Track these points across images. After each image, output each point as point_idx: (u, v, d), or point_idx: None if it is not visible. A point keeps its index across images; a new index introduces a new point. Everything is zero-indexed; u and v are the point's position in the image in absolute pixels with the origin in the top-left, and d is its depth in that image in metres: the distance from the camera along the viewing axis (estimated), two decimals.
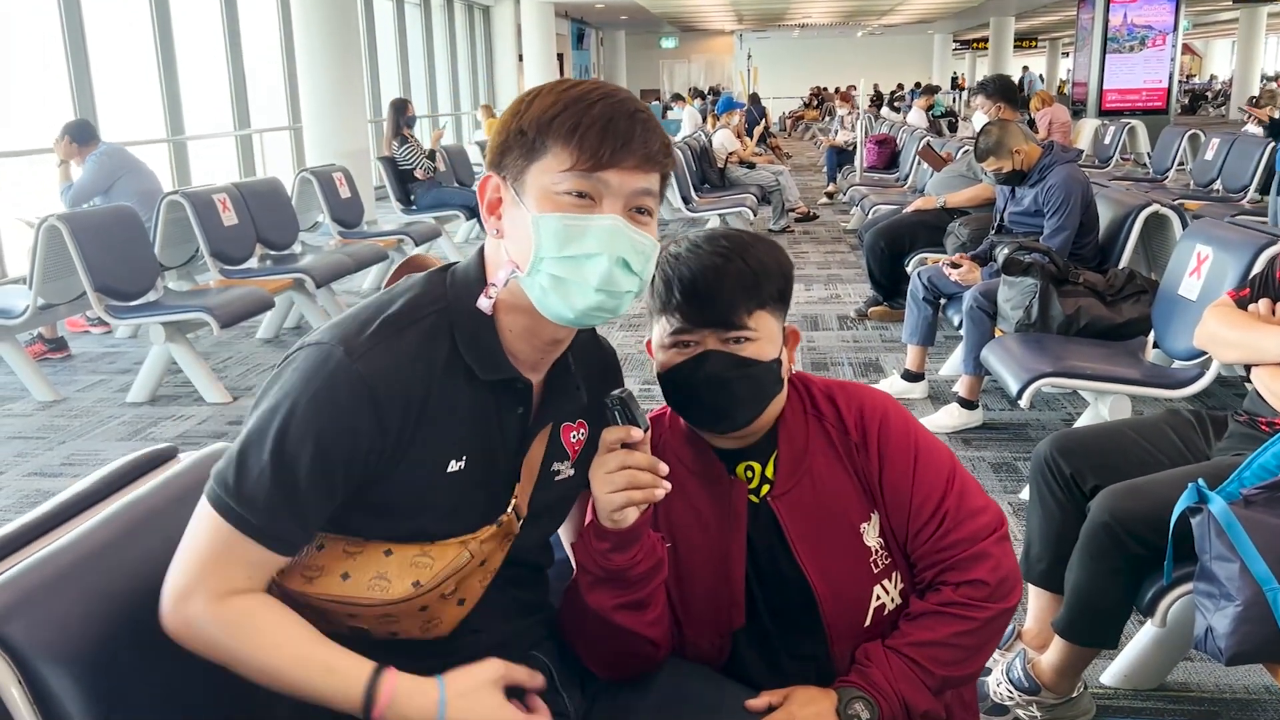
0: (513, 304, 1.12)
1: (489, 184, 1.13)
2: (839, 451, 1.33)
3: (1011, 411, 3.96)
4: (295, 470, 1.05)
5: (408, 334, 1.10)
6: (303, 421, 1.05)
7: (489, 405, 1.15)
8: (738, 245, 1.29)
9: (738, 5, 21.79)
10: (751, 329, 1.26)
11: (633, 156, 1.06)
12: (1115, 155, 10.60)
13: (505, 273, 1.10)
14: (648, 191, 1.09)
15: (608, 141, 1.04)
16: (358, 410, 1.05)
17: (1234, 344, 2.01)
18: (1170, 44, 14.70)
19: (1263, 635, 1.52)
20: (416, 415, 1.09)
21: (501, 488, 1.18)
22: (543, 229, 1.05)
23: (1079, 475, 2.03)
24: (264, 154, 10.56)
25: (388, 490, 1.11)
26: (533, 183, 1.07)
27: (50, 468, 3.76)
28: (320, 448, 1.05)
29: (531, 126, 1.06)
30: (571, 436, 1.25)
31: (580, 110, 1.05)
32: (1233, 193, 7.15)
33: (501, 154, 1.10)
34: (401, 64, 14.05)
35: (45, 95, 7.73)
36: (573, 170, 1.05)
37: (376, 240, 6.34)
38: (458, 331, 1.12)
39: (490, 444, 1.16)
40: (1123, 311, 3.40)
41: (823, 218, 9.77)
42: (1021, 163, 4.00)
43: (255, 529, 1.05)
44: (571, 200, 1.06)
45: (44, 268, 4.30)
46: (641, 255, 1.08)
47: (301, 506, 1.06)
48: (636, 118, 1.07)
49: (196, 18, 9.42)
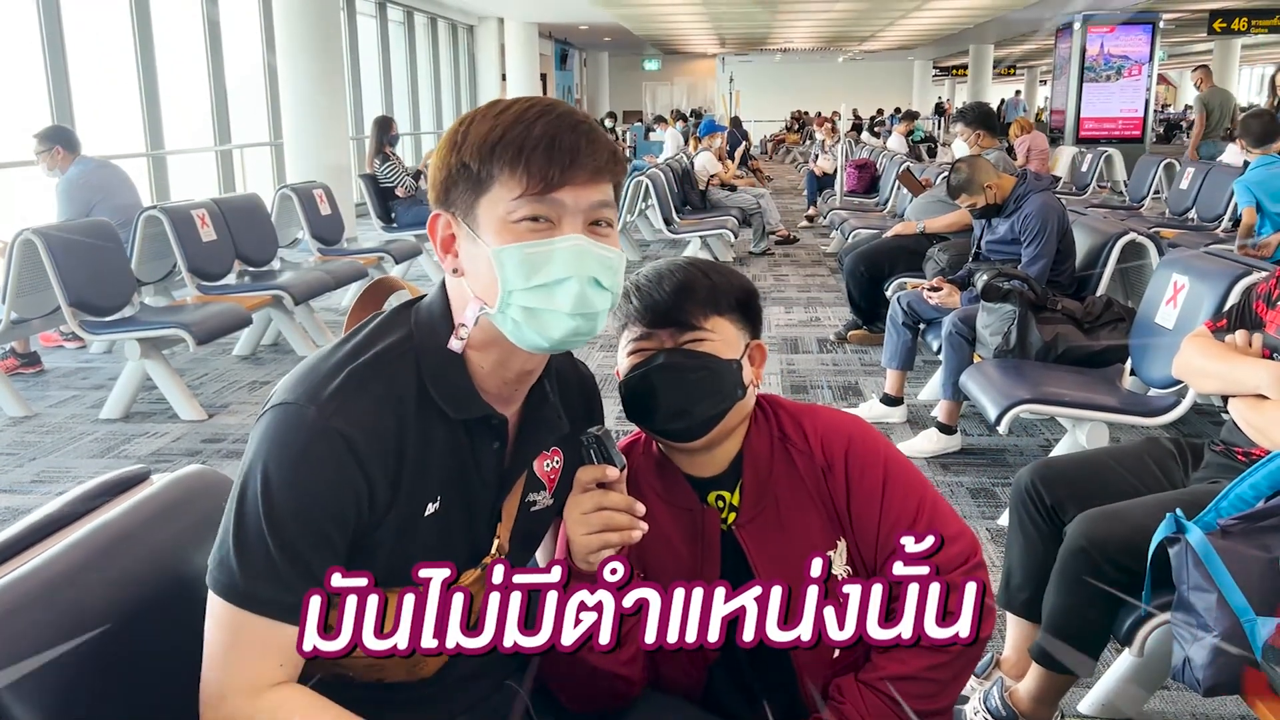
0: (483, 340, 1.09)
1: (439, 222, 1.09)
2: (803, 477, 1.31)
3: (990, 437, 3.97)
4: (292, 537, 1.01)
5: (375, 383, 1.06)
6: (288, 488, 1.01)
7: (463, 445, 1.12)
8: (696, 261, 1.34)
9: (720, 29, 21.95)
10: (708, 329, 1.28)
11: (583, 171, 1.03)
12: (1092, 183, 10.72)
13: (474, 310, 1.06)
14: (604, 203, 1.06)
15: (555, 160, 1.01)
16: (341, 467, 1.02)
17: (1212, 375, 2.02)
18: (1146, 74, 14.90)
19: (1240, 667, 1.52)
20: (396, 461, 1.06)
21: (483, 528, 1.16)
22: (506, 262, 1.02)
23: (1059, 505, 2.03)
24: (244, 170, 10.52)
25: (372, 540, 1.08)
26: (485, 215, 1.03)
27: (21, 485, 3.71)
28: (311, 511, 1.02)
29: (473, 158, 1.03)
30: (545, 465, 1.22)
31: (521, 133, 1.02)
32: (1207, 221, 7.24)
33: (447, 190, 1.06)
34: (384, 81, 14.05)
35: (23, 108, 7.67)
36: (524, 196, 1.02)
37: (356, 257, 6.31)
38: (426, 373, 1.09)
39: (468, 484, 1.13)
40: (1100, 339, 3.43)
41: (803, 241, 9.82)
42: (995, 196, 4.03)
43: (270, 605, 1.01)
44: (529, 226, 1.02)
45: (18, 282, 4.26)
46: (610, 270, 1.06)
47: (309, 570, 1.02)
48: (580, 130, 1.04)
49: (178, 32, 9.39)
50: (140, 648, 1.11)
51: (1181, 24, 19.12)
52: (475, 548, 1.15)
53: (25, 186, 5.76)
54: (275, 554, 1.00)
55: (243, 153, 10.52)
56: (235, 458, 3.91)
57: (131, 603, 1.12)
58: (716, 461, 1.33)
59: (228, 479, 1.34)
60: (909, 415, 4.25)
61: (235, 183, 10.23)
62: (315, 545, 1.02)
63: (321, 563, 1.02)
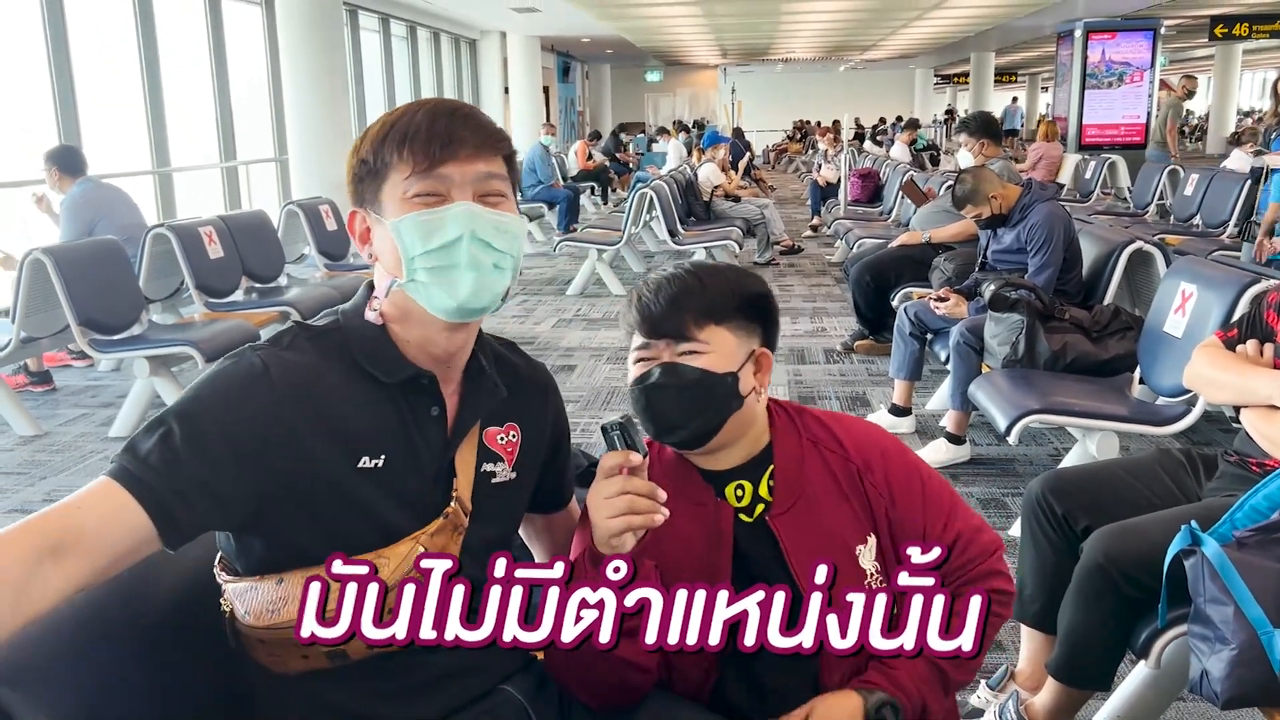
0: (402, 313, 1.18)
1: (355, 219, 1.21)
2: (836, 475, 1.35)
3: (999, 447, 3.96)
4: (180, 435, 1.06)
5: (305, 344, 1.17)
6: (199, 395, 1.10)
7: (401, 407, 1.19)
8: (700, 267, 1.37)
9: (722, 40, 21.99)
10: (702, 341, 1.30)
11: (464, 146, 1.14)
12: (1096, 190, 10.72)
13: (385, 283, 1.17)
14: (491, 175, 1.16)
15: (435, 138, 1.13)
16: (254, 390, 1.10)
17: (1224, 385, 2.02)
18: (1148, 80, 14.92)
19: (1258, 679, 1.52)
20: (314, 407, 1.12)
21: (436, 484, 1.21)
22: (403, 231, 1.13)
23: (1071, 515, 2.03)
24: (250, 186, 10.55)
25: (304, 492, 1.11)
26: (387, 200, 1.15)
27: (31, 504, 3.71)
28: (209, 420, 1.08)
29: (370, 152, 1.16)
30: (499, 439, 1.28)
31: (405, 122, 1.15)
32: (1212, 228, 7.23)
33: (355, 187, 1.19)
34: (388, 96, 14.10)
35: (30, 127, 7.71)
36: (413, 175, 1.13)
37: (363, 273, 6.30)
38: (355, 346, 1.19)
39: (410, 444, 1.19)
40: (1109, 348, 3.43)
41: (807, 251, 9.83)
42: (1000, 206, 4.03)
43: (123, 473, 1.04)
44: (422, 201, 1.13)
45: (27, 300, 4.27)
46: (505, 233, 1.15)
47: (181, 472, 1.05)
48: (458, 114, 1.16)
49: (183, 49, 9.44)
50: (158, 669, 1.11)
51: (1183, 29, 19.13)
52: (431, 504, 1.20)
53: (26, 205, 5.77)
54: (156, 440, 1.06)
55: (248, 169, 10.55)
56: None
57: (148, 624, 1.13)
58: (731, 458, 1.36)
59: None
60: (917, 425, 4.25)
61: (241, 199, 10.26)
62: (195, 449, 1.06)
63: (195, 473, 1.05)
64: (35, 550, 0.96)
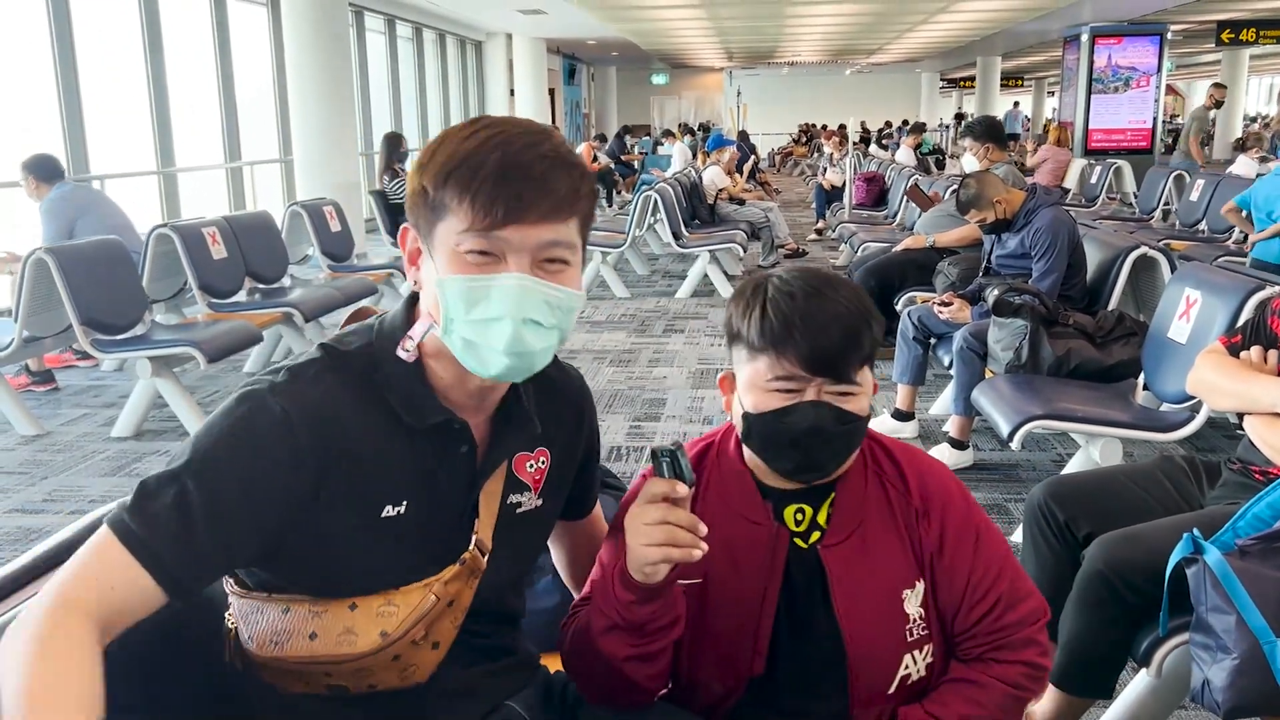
0: (438, 351, 1.10)
1: (408, 236, 1.11)
2: (895, 512, 1.29)
3: (1002, 452, 3.95)
4: (196, 501, 1.00)
5: (329, 378, 1.08)
6: (213, 452, 1.02)
7: (426, 450, 1.12)
8: (861, 304, 1.24)
9: (728, 43, 22.00)
10: (859, 384, 1.23)
11: (532, 211, 1.01)
12: (1101, 195, 10.70)
13: (423, 326, 1.09)
14: (556, 242, 1.04)
15: (500, 199, 1.00)
16: (274, 442, 1.03)
17: (1227, 392, 2.01)
18: (1154, 85, 14.89)
19: (1260, 689, 1.51)
20: (337, 455, 1.06)
21: (458, 527, 1.15)
22: (448, 292, 1.04)
23: (1073, 522, 2.02)
24: (254, 186, 10.57)
25: (321, 539, 1.07)
26: (439, 241, 1.04)
27: (32, 504, 3.71)
28: (226, 480, 1.02)
29: (431, 183, 1.03)
30: (529, 466, 1.21)
31: (474, 165, 1.01)
32: (1218, 233, 7.21)
33: (413, 207, 1.07)
34: (393, 97, 14.12)
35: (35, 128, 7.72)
36: (470, 231, 1.02)
37: (366, 274, 6.33)
38: (383, 380, 1.10)
39: (436, 488, 1.13)
40: (1113, 353, 3.41)
41: (812, 254, 9.82)
42: (1004, 211, 4.01)
43: (144, 551, 0.98)
44: (475, 260, 1.03)
45: (30, 300, 4.27)
46: (558, 309, 1.06)
47: (195, 538, 1.00)
48: (533, 169, 1.02)
49: (189, 50, 9.46)
50: (156, 676, 1.10)
51: (1189, 35, 19.10)
52: (450, 546, 1.14)
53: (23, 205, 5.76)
54: (171, 508, 0.99)
55: (253, 169, 10.57)
56: None
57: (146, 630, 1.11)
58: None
59: None
60: (920, 430, 4.24)
61: (245, 200, 10.28)
62: (214, 518, 1.01)
63: (212, 538, 1.01)
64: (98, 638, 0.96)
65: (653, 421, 4.61)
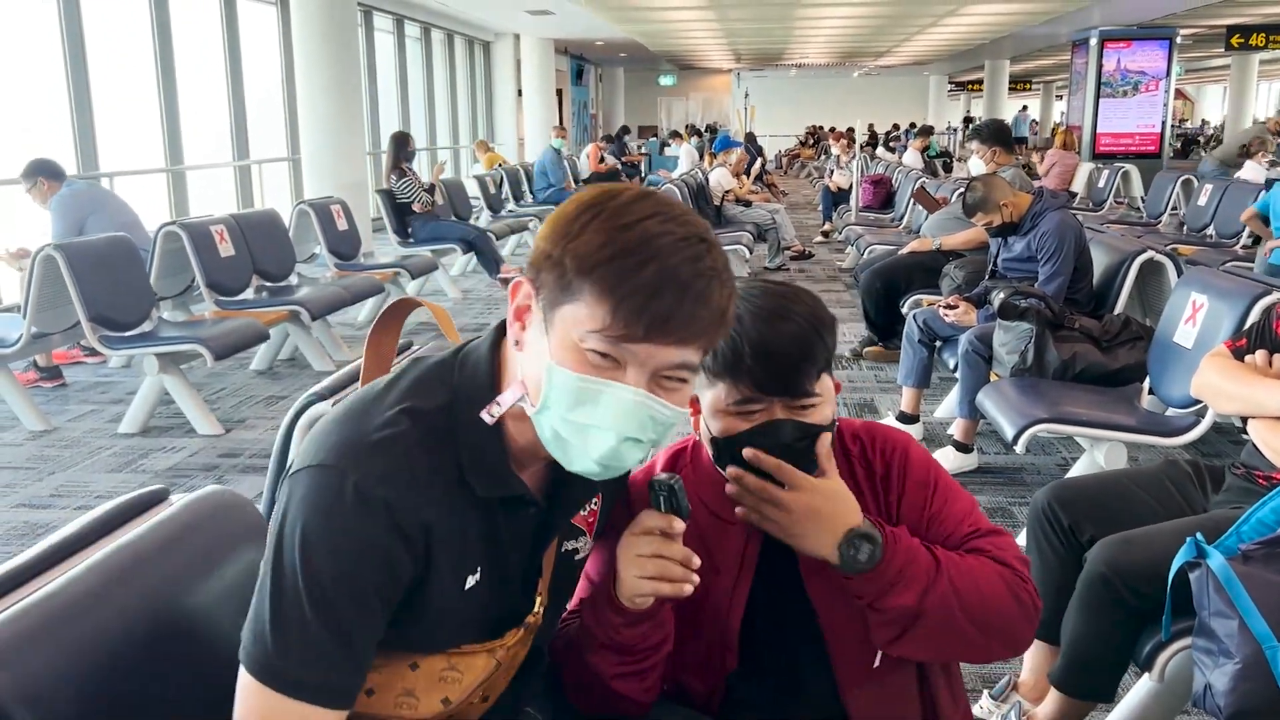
0: (521, 414, 1.03)
1: (521, 290, 1.02)
2: (862, 489, 1.31)
3: (1007, 455, 3.95)
4: (339, 612, 0.96)
5: (418, 454, 1.01)
6: (330, 556, 0.96)
7: (497, 516, 1.08)
8: (802, 309, 1.24)
9: (736, 45, 22.00)
10: (817, 394, 1.24)
11: (674, 334, 0.95)
12: (1109, 199, 10.68)
13: (514, 395, 1.02)
14: (682, 365, 0.98)
15: (646, 316, 0.93)
16: (384, 538, 0.98)
17: (1231, 396, 2.01)
18: (1163, 89, 14.88)
19: (1262, 694, 1.51)
20: (434, 538, 1.02)
21: (521, 590, 1.14)
22: (556, 382, 0.97)
23: (1077, 526, 2.02)
24: (263, 185, 10.60)
25: (414, 615, 1.05)
26: (560, 322, 0.96)
27: (39, 499, 3.73)
28: (356, 583, 0.97)
29: (573, 265, 0.94)
30: (582, 512, 1.20)
31: (628, 268, 0.92)
32: (1226, 238, 7.20)
33: (539, 270, 0.98)
34: (401, 97, 14.14)
35: (45, 123, 7.75)
36: (600, 333, 0.94)
37: (373, 273, 6.34)
38: (462, 443, 1.04)
39: (504, 554, 1.10)
40: (1118, 358, 3.41)
41: (818, 256, 9.81)
42: (1010, 214, 4.01)
43: (311, 689, 0.96)
44: (594, 360, 0.96)
45: (39, 296, 4.29)
46: (660, 426, 0.99)
47: (355, 650, 0.98)
48: (691, 286, 0.93)
49: (198, 48, 9.49)
50: (158, 672, 1.11)
51: (1199, 39, 19.06)
52: (515, 608, 1.13)
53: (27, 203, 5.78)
54: (316, 629, 0.95)
55: (261, 168, 10.60)
56: (252, 472, 3.94)
57: (149, 625, 1.12)
58: None
59: (246, 499, 1.35)
60: (925, 433, 4.24)
61: (253, 198, 10.30)
62: (359, 619, 0.98)
63: (364, 638, 0.99)
64: None
65: None
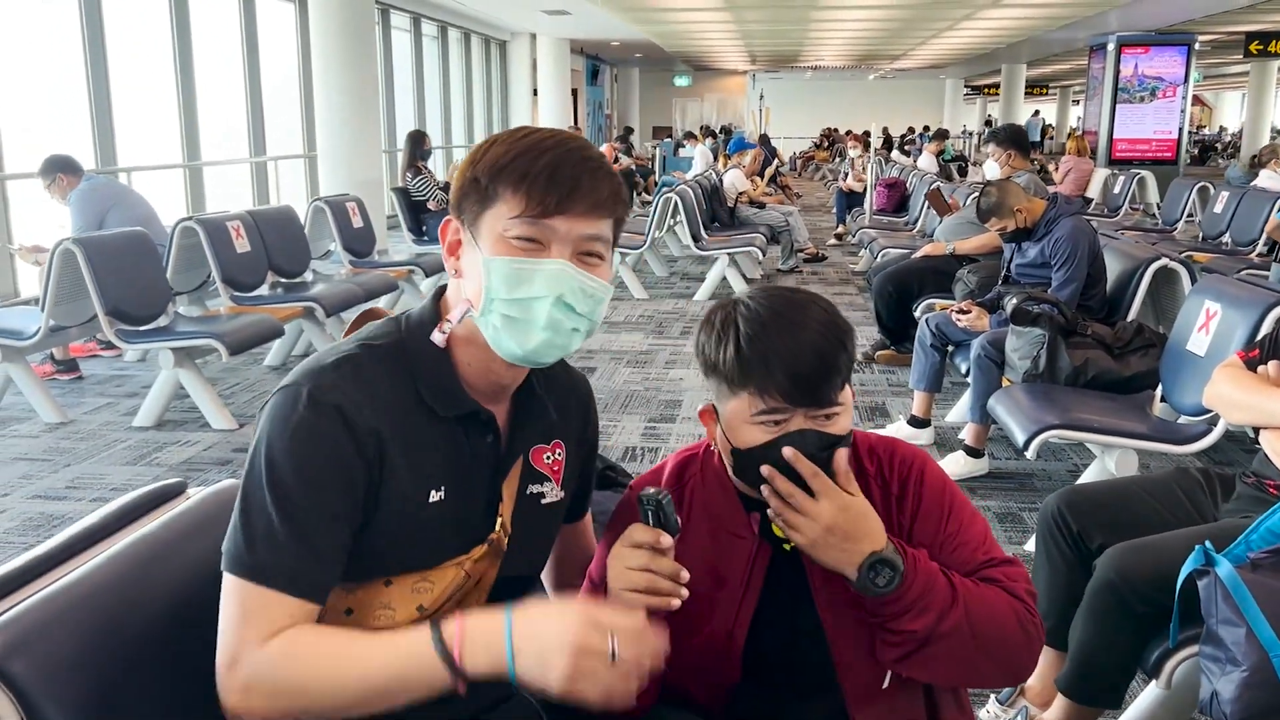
0: (467, 339, 1.17)
1: (450, 227, 1.18)
2: (878, 507, 1.28)
3: (1018, 461, 3.95)
4: (297, 507, 1.07)
5: (370, 370, 1.14)
6: (290, 458, 1.08)
7: (458, 437, 1.18)
8: (823, 316, 1.25)
9: (751, 46, 21.99)
10: (840, 404, 1.23)
11: (580, 204, 1.11)
12: (1125, 205, 10.64)
13: (460, 310, 1.15)
14: (596, 237, 1.13)
15: (554, 189, 1.09)
16: (337, 438, 1.09)
17: (1243, 406, 2.00)
18: (1180, 95, 14.80)
19: (1269, 702, 1.51)
20: (388, 446, 1.12)
21: (484, 514, 1.22)
22: (493, 272, 1.11)
23: (1086, 532, 2.02)
24: (279, 182, 10.65)
25: (378, 526, 1.13)
26: (486, 228, 1.12)
27: (55, 490, 3.76)
28: (313, 480, 1.08)
29: (485, 174, 1.12)
30: (545, 458, 1.28)
31: (530, 159, 1.10)
32: (1241, 246, 7.16)
33: (460, 199, 1.15)
34: (417, 95, 14.19)
35: (65, 118, 7.81)
36: (521, 217, 1.10)
37: (388, 270, 6.37)
38: (415, 369, 1.16)
39: (467, 474, 1.19)
40: (1130, 365, 3.40)
41: (831, 259, 9.81)
42: (1025, 220, 4.01)
43: (277, 576, 1.06)
44: (521, 245, 1.11)
45: (56, 290, 4.33)
46: (589, 298, 1.13)
47: (314, 543, 1.08)
48: (584, 165, 1.12)
49: (216, 45, 9.54)
50: (175, 662, 1.13)
51: (1218, 45, 18.96)
52: (477, 529, 1.21)
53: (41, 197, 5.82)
54: (279, 525, 1.06)
55: (277, 165, 10.65)
56: None
57: (167, 616, 1.14)
58: None
59: None
60: (936, 437, 4.24)
61: (269, 194, 10.35)
62: (319, 513, 1.08)
63: (327, 535, 1.09)
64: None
65: (668, 423, 4.62)
